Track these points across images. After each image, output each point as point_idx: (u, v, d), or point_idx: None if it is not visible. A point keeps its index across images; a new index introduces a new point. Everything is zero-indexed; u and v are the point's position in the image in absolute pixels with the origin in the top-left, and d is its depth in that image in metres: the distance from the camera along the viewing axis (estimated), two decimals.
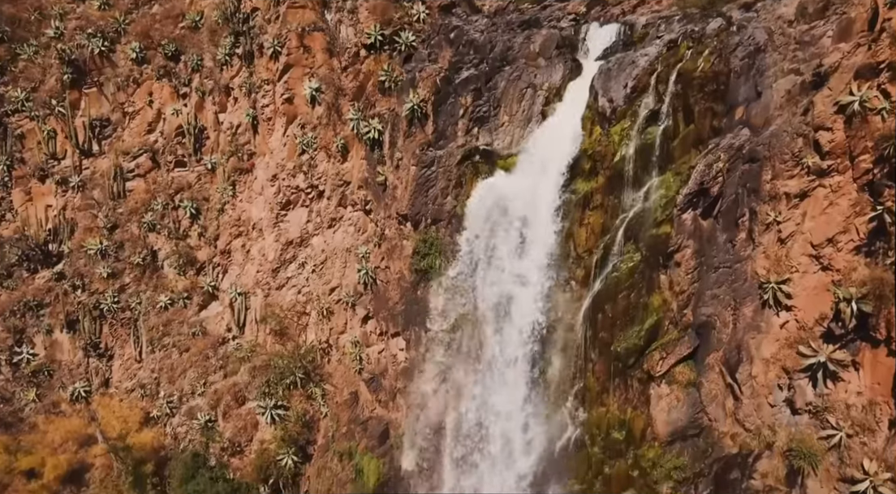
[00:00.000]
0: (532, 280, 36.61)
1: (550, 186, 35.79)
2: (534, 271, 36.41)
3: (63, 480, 48.59)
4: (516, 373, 37.37)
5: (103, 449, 48.23)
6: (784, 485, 29.70)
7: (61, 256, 55.24)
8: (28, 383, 53.47)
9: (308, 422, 46.56)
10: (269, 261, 48.90)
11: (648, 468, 33.16)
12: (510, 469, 37.42)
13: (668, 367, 32.75)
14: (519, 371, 37.36)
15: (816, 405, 29.04)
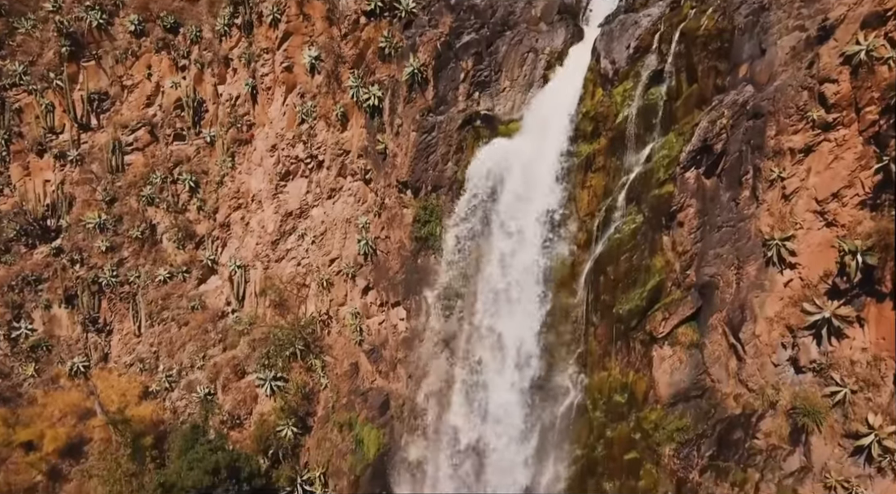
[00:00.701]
0: (533, 245, 36.29)
1: (552, 149, 35.38)
2: (535, 235, 36.10)
3: (62, 452, 48.47)
4: (518, 338, 37.10)
5: (102, 421, 48.05)
6: (788, 443, 29.45)
7: (59, 230, 54.99)
8: (27, 358, 53.30)
9: (308, 394, 46.37)
10: (268, 233, 48.59)
11: (651, 430, 32.92)
12: (512, 435, 37.17)
13: (670, 328, 32.48)
14: (521, 336, 37.09)
15: (821, 363, 28.76)
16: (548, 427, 36.50)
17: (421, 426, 41.57)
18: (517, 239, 36.79)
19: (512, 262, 37.16)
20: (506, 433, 37.51)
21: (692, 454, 31.97)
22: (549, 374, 36.82)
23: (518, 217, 36.49)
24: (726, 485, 30.79)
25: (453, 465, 39.77)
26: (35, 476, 47.90)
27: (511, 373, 37.38)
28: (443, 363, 40.83)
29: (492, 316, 38.38)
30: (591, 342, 35.35)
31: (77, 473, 47.10)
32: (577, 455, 35.29)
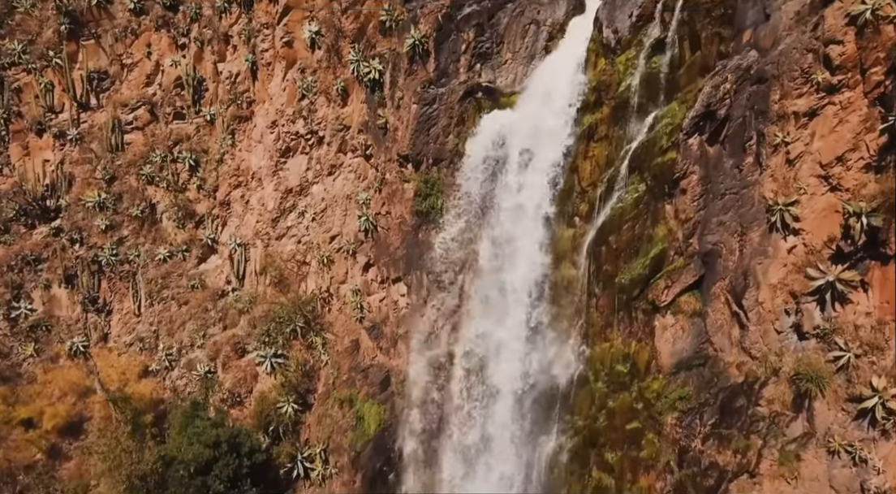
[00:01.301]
0: (535, 216, 36.14)
1: (553, 120, 35.20)
2: (537, 207, 35.93)
3: (61, 431, 48.45)
4: (520, 311, 36.94)
5: (102, 399, 47.94)
6: (791, 410, 29.26)
7: (59, 210, 54.85)
8: (26, 338, 53.22)
9: (308, 371, 46.29)
10: (268, 211, 48.44)
11: (653, 399, 32.72)
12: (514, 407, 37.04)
13: (673, 296, 32.28)
14: (522, 309, 36.92)
15: (824, 329, 28.53)
16: (550, 400, 36.36)
17: (422, 401, 41.42)
18: (519, 211, 36.63)
19: (514, 234, 37.02)
20: (507, 406, 37.36)
21: (694, 422, 31.79)
22: (550, 348, 36.73)
23: (520, 188, 36.32)
24: (728, 453, 30.63)
25: (455, 440, 39.66)
26: (35, 453, 47.83)
27: (513, 346, 37.24)
28: (444, 338, 40.72)
29: (493, 289, 38.29)
30: (593, 313, 35.16)
31: (77, 450, 47.02)
32: (578, 426, 35.14)
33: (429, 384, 41.14)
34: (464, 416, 39.28)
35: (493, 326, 38.19)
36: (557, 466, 35.68)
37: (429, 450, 40.89)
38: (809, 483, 28.61)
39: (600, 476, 34.48)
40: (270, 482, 44.73)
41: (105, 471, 42.85)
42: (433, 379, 40.91)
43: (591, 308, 35.20)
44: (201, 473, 39.04)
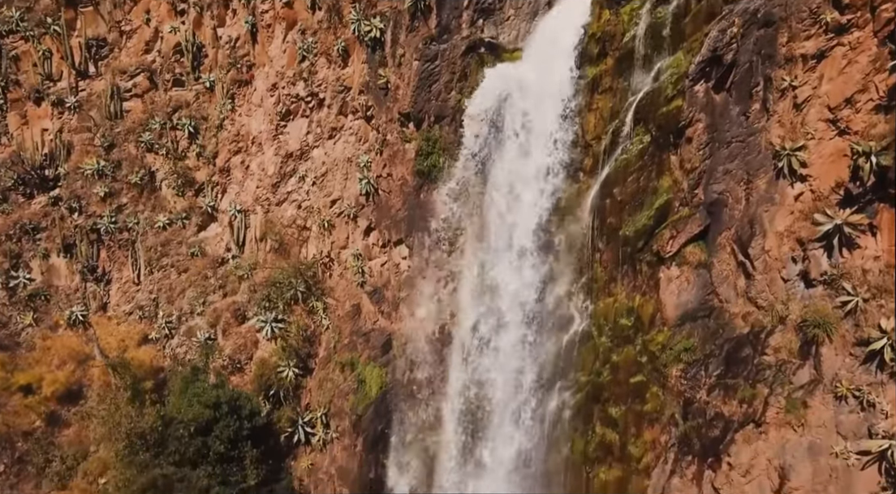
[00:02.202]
0: (539, 171, 35.77)
1: (556, 72, 34.76)
2: (540, 162, 35.55)
3: (60, 398, 48.15)
4: (522, 269, 36.59)
5: (101, 365, 47.63)
6: (797, 357, 28.93)
7: (57, 179, 54.39)
8: (25, 307, 52.78)
9: (309, 337, 46.01)
10: (268, 176, 48.05)
11: (657, 352, 32.41)
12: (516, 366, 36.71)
13: (678, 247, 31.94)
14: (525, 267, 36.58)
15: (832, 275, 28.19)
16: (553, 357, 36.03)
17: (423, 363, 41.11)
18: (521, 167, 36.25)
19: (517, 191, 36.64)
20: (509, 364, 37.03)
21: (699, 373, 31.48)
22: (553, 305, 36.42)
23: (523, 143, 35.94)
24: (734, 403, 30.33)
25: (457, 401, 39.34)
26: (34, 420, 47.54)
27: (516, 305, 36.91)
28: (446, 299, 40.39)
29: (495, 248, 37.93)
30: (597, 268, 34.83)
31: (76, 417, 46.72)
32: (581, 382, 34.83)
33: (431, 346, 40.82)
34: (466, 377, 38.93)
35: (494, 285, 37.82)
36: (561, 423, 35.42)
37: (430, 412, 40.59)
38: (816, 430, 28.32)
39: (604, 431, 34.19)
40: (271, 448, 44.48)
41: (104, 435, 42.58)
42: (435, 341, 40.60)
43: (595, 263, 34.87)
44: (201, 433, 38.78)
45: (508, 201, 37.13)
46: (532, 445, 36.12)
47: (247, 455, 40.05)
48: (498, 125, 36.52)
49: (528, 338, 36.53)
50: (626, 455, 33.48)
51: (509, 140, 36.16)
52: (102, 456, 42.89)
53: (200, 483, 36.64)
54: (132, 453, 37.48)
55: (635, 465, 33.29)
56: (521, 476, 36.35)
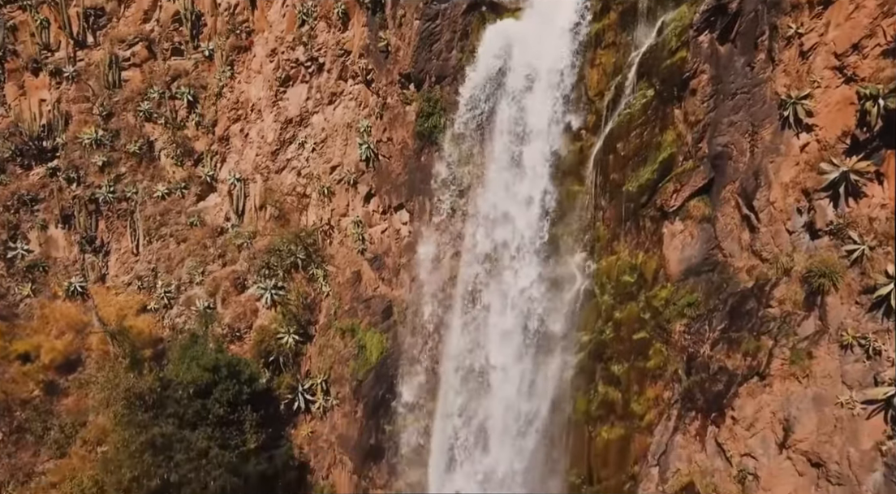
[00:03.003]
0: (540, 130, 35.39)
1: (558, 28, 34.33)
2: (542, 120, 35.18)
3: (59, 368, 47.93)
4: (524, 229, 36.26)
5: (100, 334, 47.34)
6: (802, 309, 28.59)
7: (55, 150, 54.09)
8: (23, 278, 52.55)
9: (309, 304, 45.76)
10: (267, 143, 47.70)
11: (660, 307, 32.09)
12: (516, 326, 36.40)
13: (681, 201, 31.59)
14: (527, 227, 36.24)
15: (837, 224, 27.81)
16: (554, 317, 35.75)
17: (424, 325, 40.81)
18: (523, 125, 35.86)
19: (519, 150, 36.26)
20: (511, 324, 36.73)
21: (703, 328, 31.17)
22: (555, 265, 36.12)
23: (525, 101, 35.54)
24: (738, 356, 30.04)
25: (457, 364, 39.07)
26: (32, 389, 47.32)
27: (517, 266, 36.58)
28: (447, 263, 40.09)
29: (496, 211, 37.58)
30: (600, 227, 34.49)
31: (75, 385, 46.45)
32: (584, 340, 34.55)
33: (432, 310, 40.51)
34: (466, 339, 38.64)
35: (495, 247, 37.49)
36: (562, 382, 35.15)
37: (431, 376, 40.32)
38: (821, 381, 28.02)
39: (606, 389, 33.91)
40: (271, 416, 44.21)
41: (103, 401, 42.29)
42: (436, 305, 40.29)
43: (598, 222, 34.54)
44: (200, 396, 38.47)
45: (510, 160, 36.80)
46: (533, 406, 35.87)
47: (246, 419, 39.75)
48: (499, 83, 36.16)
49: (530, 298, 36.24)
50: (629, 413, 33.22)
51: (510, 97, 35.73)
52: (101, 423, 42.61)
53: (199, 445, 36.34)
54: (131, 413, 37.16)
55: (638, 423, 33.03)
56: (523, 437, 36.09)
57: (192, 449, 36.02)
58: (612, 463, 33.85)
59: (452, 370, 39.07)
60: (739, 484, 30.48)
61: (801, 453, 28.66)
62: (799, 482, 28.99)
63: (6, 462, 45.94)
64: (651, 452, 32.98)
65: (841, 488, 27.74)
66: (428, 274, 40.79)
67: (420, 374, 40.64)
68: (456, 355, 39.06)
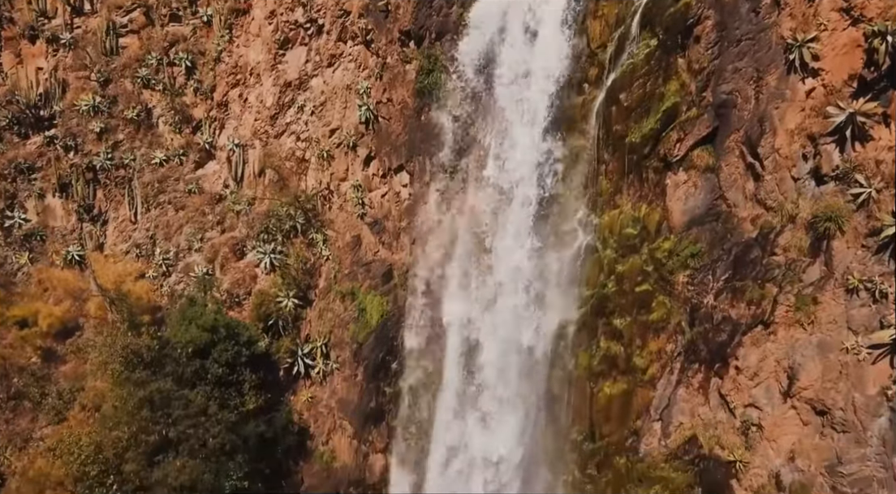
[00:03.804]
0: (542, 84, 34.99)
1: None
2: (543, 73, 34.75)
3: (56, 334, 47.54)
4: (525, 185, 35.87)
5: (98, 300, 46.99)
6: (807, 255, 28.25)
7: (53, 118, 53.56)
8: (20, 247, 52.10)
9: (309, 269, 45.42)
10: (266, 108, 47.29)
11: (663, 259, 31.73)
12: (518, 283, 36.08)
13: (685, 150, 31.22)
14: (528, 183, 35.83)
15: (844, 169, 27.45)
16: (555, 274, 35.43)
17: (426, 289, 40.49)
18: (525, 79, 35.45)
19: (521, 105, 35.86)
20: (512, 282, 36.37)
21: (706, 278, 30.84)
22: (557, 222, 35.78)
23: (526, 54, 35.09)
24: (742, 305, 29.71)
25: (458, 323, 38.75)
26: (30, 356, 47.00)
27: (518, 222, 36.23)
28: (448, 222, 39.75)
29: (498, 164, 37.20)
30: (602, 181, 34.12)
31: (72, 348, 46.11)
32: (585, 296, 34.24)
33: (432, 270, 40.21)
34: (468, 297, 38.30)
35: (497, 204, 37.12)
36: (564, 339, 34.85)
37: (432, 335, 40.01)
38: (826, 327, 27.73)
39: (608, 344, 33.58)
40: (270, 383, 43.98)
41: (101, 365, 41.99)
42: (437, 265, 39.99)
43: (601, 176, 34.21)
44: (199, 356, 38.19)
45: (510, 117, 36.40)
46: (534, 364, 35.57)
47: (245, 380, 39.50)
48: (500, 36, 35.74)
49: (530, 255, 35.90)
50: (631, 367, 32.90)
51: (511, 49, 35.32)
52: (99, 386, 42.27)
53: (198, 402, 36.05)
54: (128, 370, 36.86)
55: (640, 377, 32.73)
56: (524, 396, 35.81)
57: (191, 407, 35.74)
58: (614, 419, 33.57)
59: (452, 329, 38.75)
60: (743, 436, 30.22)
61: (805, 401, 28.42)
62: (803, 431, 28.74)
63: (3, 428, 45.59)
64: (653, 406, 32.73)
65: (846, 435, 27.50)
66: (429, 236, 40.49)
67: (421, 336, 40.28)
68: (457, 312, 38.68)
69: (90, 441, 36.24)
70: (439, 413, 38.68)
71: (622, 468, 33.24)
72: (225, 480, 36.02)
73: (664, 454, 32.27)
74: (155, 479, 33.94)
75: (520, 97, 35.86)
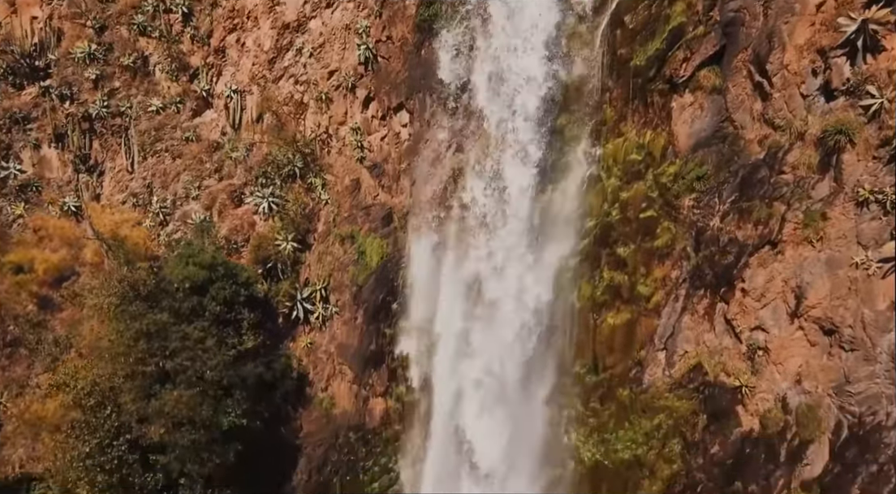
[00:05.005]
0: (545, 13, 34.26)
1: None
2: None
3: (52, 282, 46.92)
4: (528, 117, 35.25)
5: (95, 247, 46.39)
6: (816, 172, 27.74)
7: (48, 68, 52.78)
8: (16, 198, 51.46)
9: (308, 215, 44.74)
10: (264, 52, 46.47)
11: (669, 183, 31.20)
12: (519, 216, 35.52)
13: (691, 70, 30.61)
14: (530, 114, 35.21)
15: (855, 82, 26.90)
16: (557, 206, 34.85)
17: (427, 229, 39.92)
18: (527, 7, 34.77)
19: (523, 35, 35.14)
20: (514, 215, 35.80)
21: (713, 201, 30.30)
22: (559, 155, 35.16)
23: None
24: (749, 226, 29.21)
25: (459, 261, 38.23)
26: (26, 304, 46.45)
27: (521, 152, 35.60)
28: (449, 160, 39.14)
29: (500, 102, 36.54)
30: (606, 109, 33.53)
31: (68, 294, 45.51)
32: (588, 226, 33.69)
33: (433, 209, 39.63)
34: (469, 235, 37.72)
35: (500, 137, 36.50)
36: (567, 270, 34.31)
37: (432, 275, 39.48)
38: (835, 242, 27.24)
39: (612, 274, 33.09)
40: (269, 330, 43.47)
41: (97, 307, 41.36)
42: (438, 203, 39.40)
43: (605, 104, 33.59)
44: (196, 293, 37.59)
45: (513, 48, 35.67)
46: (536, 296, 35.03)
47: (244, 319, 38.93)
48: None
49: (531, 190, 35.29)
50: (635, 296, 32.44)
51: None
52: (95, 328, 41.75)
53: (195, 335, 35.53)
54: (124, 303, 36.28)
55: (644, 305, 32.27)
56: (527, 329, 35.27)
57: (188, 340, 35.20)
58: (617, 350, 33.14)
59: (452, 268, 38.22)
60: (749, 361, 29.84)
61: (813, 320, 27.98)
62: (810, 352, 28.33)
63: (0, 375, 45.32)
64: (658, 335, 32.30)
65: (854, 353, 27.08)
66: (430, 176, 39.86)
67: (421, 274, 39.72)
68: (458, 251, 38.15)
69: (87, 374, 35.75)
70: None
71: (626, 399, 32.86)
72: (223, 416, 35.53)
73: (668, 383, 31.88)
74: (152, 409, 33.44)
75: (518, 30, 35.20)
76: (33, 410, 41.06)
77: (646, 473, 31.56)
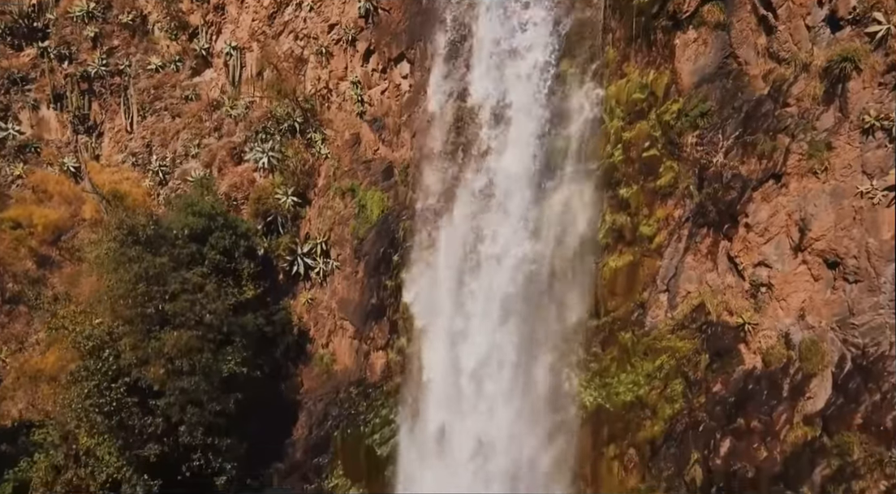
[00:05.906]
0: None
1: None
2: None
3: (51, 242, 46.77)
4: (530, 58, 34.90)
5: (93, 202, 46.21)
6: (821, 103, 27.43)
7: (46, 28, 52.50)
8: (14, 158, 51.26)
9: (308, 170, 44.52)
10: (264, 7, 46.16)
11: (672, 121, 30.92)
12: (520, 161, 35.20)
13: (695, 5, 30.24)
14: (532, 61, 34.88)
15: (862, 9, 26.59)
16: (558, 151, 34.53)
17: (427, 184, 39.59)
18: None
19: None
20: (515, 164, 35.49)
21: (716, 137, 30.02)
22: (563, 97, 34.82)
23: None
24: (753, 160, 28.93)
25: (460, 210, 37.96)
26: (24, 260, 46.23)
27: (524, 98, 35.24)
28: (450, 109, 38.82)
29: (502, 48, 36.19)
30: (609, 51, 33.22)
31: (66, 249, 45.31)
32: (590, 169, 33.41)
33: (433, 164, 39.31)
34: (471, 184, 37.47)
35: (502, 81, 36.15)
36: (568, 213, 34.04)
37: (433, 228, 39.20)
38: (840, 173, 26.97)
39: (614, 217, 32.84)
40: (269, 288, 43.24)
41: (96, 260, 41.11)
42: (439, 153, 39.07)
43: (608, 46, 33.27)
44: (196, 240, 37.38)
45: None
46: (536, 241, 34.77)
47: (244, 269, 38.76)
48: None
49: (534, 131, 34.96)
50: (638, 237, 32.18)
51: None
52: (93, 280, 41.53)
53: (195, 280, 35.31)
54: (124, 247, 35.98)
55: (647, 246, 32.02)
56: (525, 273, 35.02)
57: (188, 284, 35.00)
58: (619, 292, 32.87)
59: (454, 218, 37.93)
60: (752, 299, 29.60)
61: (817, 253, 27.73)
62: (814, 286, 28.10)
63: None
64: (660, 277, 32.07)
65: (858, 285, 26.85)
66: (430, 127, 39.55)
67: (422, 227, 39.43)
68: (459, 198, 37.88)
69: (85, 319, 35.58)
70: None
71: (627, 342, 32.62)
72: (223, 363, 35.37)
73: (671, 325, 31.64)
74: (151, 350, 33.21)
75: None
76: (33, 363, 40.96)
77: (647, 413, 31.36)
